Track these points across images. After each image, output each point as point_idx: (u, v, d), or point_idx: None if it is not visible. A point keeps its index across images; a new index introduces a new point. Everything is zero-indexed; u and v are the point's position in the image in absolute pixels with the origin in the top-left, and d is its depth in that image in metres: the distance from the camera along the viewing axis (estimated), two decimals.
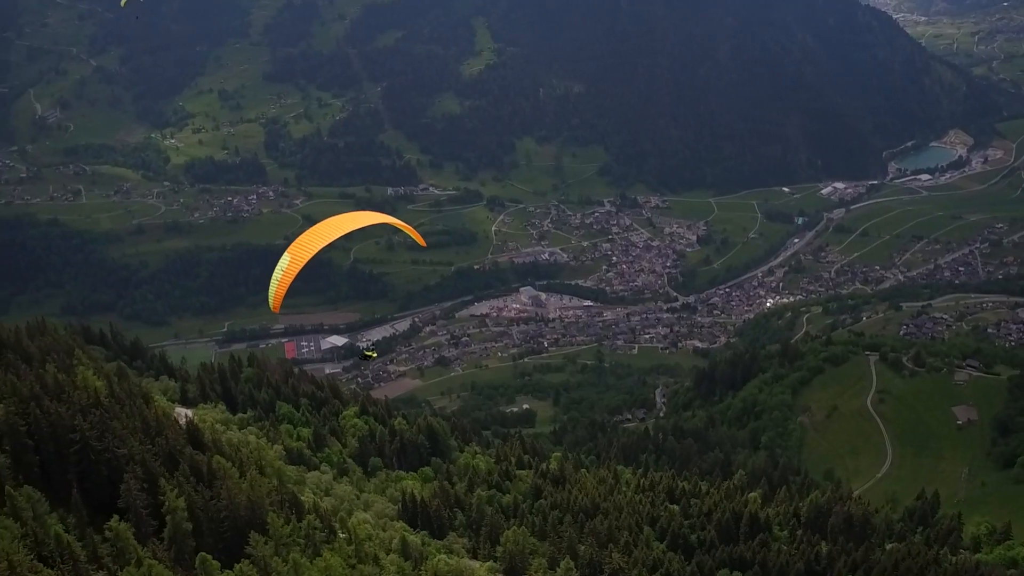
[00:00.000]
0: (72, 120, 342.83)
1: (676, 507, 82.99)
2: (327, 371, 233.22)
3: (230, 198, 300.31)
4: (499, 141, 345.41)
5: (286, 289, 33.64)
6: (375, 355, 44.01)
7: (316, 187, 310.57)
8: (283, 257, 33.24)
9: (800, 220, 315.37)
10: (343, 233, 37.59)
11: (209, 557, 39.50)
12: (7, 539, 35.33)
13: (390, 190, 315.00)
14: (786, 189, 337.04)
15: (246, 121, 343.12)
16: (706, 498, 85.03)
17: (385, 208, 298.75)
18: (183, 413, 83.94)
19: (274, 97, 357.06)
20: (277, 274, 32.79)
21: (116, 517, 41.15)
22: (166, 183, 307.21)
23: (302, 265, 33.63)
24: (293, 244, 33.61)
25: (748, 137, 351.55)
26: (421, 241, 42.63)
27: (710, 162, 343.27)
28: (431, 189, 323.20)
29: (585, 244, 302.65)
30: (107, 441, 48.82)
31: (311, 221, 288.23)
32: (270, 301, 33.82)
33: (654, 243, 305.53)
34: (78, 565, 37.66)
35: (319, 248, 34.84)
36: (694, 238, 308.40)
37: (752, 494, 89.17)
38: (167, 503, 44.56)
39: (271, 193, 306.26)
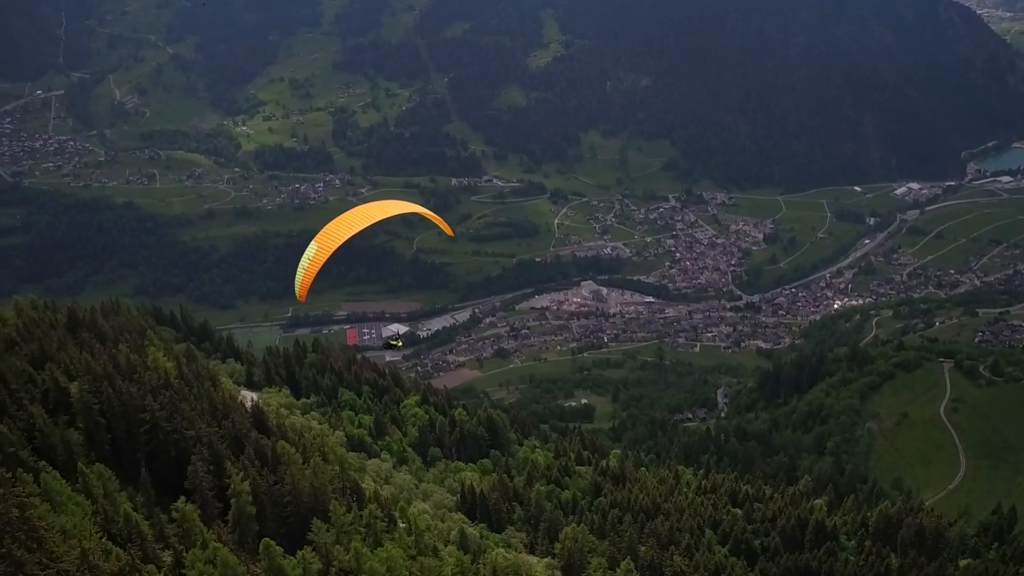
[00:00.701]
0: (148, 106, 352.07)
1: (739, 511, 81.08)
2: (387, 359, 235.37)
3: (297, 185, 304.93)
4: (564, 134, 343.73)
5: (312, 278, 33.09)
6: (400, 344, 43.54)
7: (381, 176, 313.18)
8: (310, 246, 32.65)
9: (872, 221, 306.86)
10: (370, 223, 36.55)
11: (272, 543, 39.58)
12: (78, 515, 35.86)
13: (454, 181, 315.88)
14: (858, 188, 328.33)
15: (315, 110, 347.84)
16: (770, 503, 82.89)
17: (449, 199, 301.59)
18: (248, 396, 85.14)
19: (343, 86, 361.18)
20: (304, 263, 32.23)
21: (183, 499, 41.56)
22: (236, 169, 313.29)
23: (329, 254, 32.96)
24: (320, 233, 32.96)
25: (819, 134, 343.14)
26: (449, 232, 41.57)
27: (779, 159, 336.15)
28: (495, 181, 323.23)
29: (648, 240, 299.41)
30: (176, 422, 49.45)
31: None
32: (296, 290, 33.31)
33: (719, 240, 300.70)
34: (145, 544, 38.07)
35: (346, 238, 34.07)
36: (760, 236, 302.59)
37: (818, 501, 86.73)
38: (232, 486, 44.89)
39: (337, 181, 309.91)
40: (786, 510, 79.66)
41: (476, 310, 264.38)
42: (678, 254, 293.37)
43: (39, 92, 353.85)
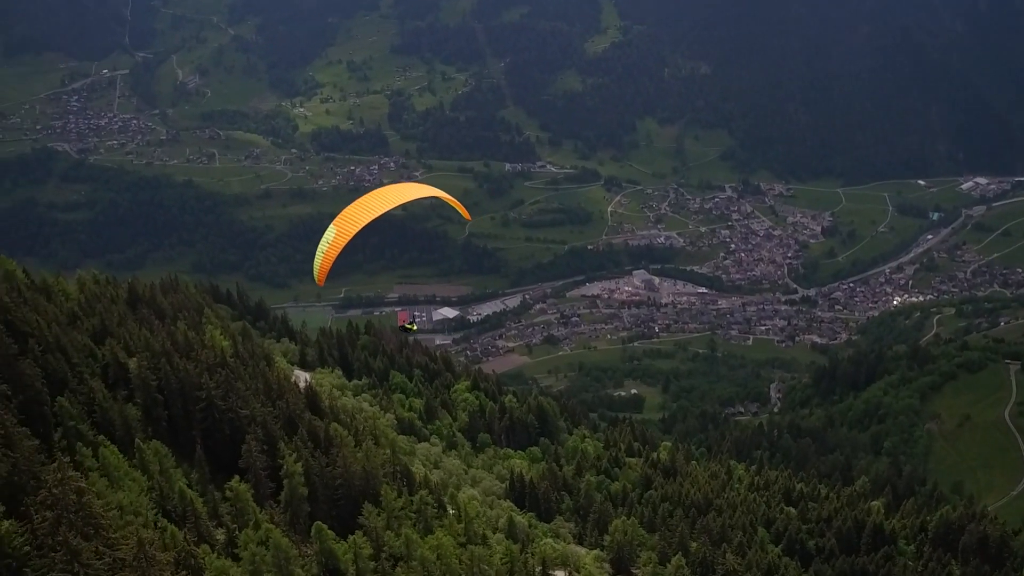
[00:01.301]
0: (209, 86, 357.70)
1: (793, 510, 79.21)
2: (437, 342, 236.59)
3: (353, 167, 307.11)
4: (620, 121, 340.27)
5: (331, 263, 32.35)
6: (415, 328, 42.52)
7: (436, 160, 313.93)
8: (329, 229, 31.85)
9: (935, 216, 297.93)
10: (391, 207, 35.56)
11: (324, 527, 39.48)
12: (135, 491, 36.13)
13: (508, 166, 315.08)
14: (922, 182, 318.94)
15: (372, 92, 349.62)
16: (825, 503, 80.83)
17: (503, 184, 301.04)
18: (302, 376, 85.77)
19: (400, 69, 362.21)
20: (323, 247, 31.44)
21: (236, 478, 41.71)
22: (293, 150, 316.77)
23: (348, 239, 32.19)
24: (339, 216, 32.14)
25: (883, 126, 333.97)
26: (467, 215, 40.49)
27: (840, 151, 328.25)
28: (549, 167, 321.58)
29: (703, 229, 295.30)
30: (231, 401, 49.67)
31: None
32: (315, 274, 32.60)
33: (775, 232, 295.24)
34: (199, 522, 38.24)
35: (367, 222, 33.24)
36: (818, 229, 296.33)
37: (875, 503, 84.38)
38: (285, 467, 44.94)
39: (392, 164, 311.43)
40: (842, 511, 77.57)
41: (527, 296, 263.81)
42: (733, 245, 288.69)
43: (105, 71, 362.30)
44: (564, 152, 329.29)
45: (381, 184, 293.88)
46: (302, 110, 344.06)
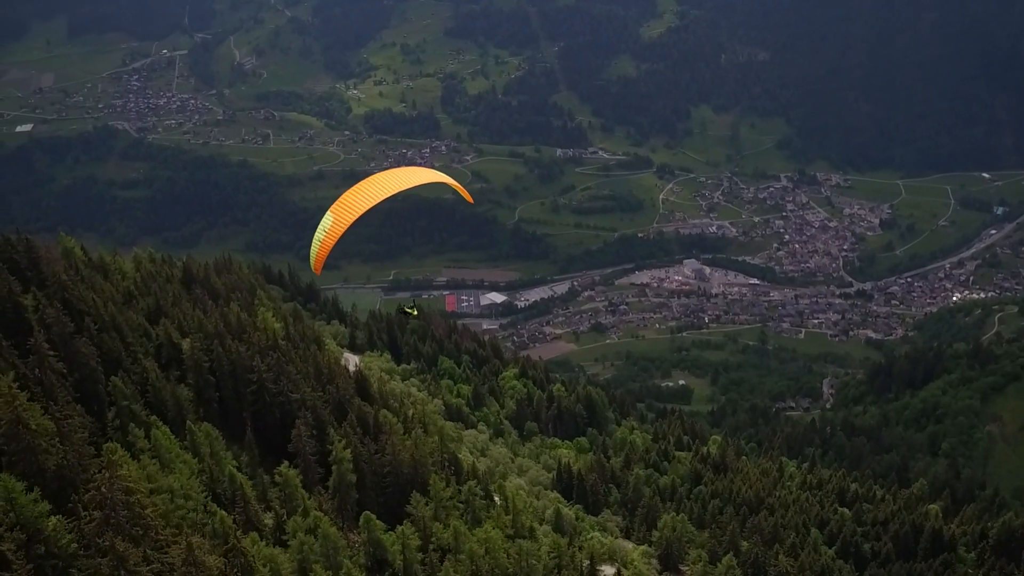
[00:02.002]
0: (266, 67, 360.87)
1: (847, 511, 77.03)
2: (484, 326, 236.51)
3: (404, 150, 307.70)
4: (674, 107, 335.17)
5: (328, 251, 31.30)
6: (415, 312, 41.34)
7: (487, 144, 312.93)
8: (325, 217, 30.72)
9: (1000, 210, 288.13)
10: (389, 195, 34.14)
11: (373, 517, 39.07)
12: (185, 474, 36.04)
13: (559, 151, 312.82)
14: (986, 175, 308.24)
15: (425, 75, 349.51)
16: (881, 505, 78.49)
17: (553, 169, 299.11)
18: (351, 359, 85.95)
19: (453, 53, 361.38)
20: (319, 235, 30.36)
21: (286, 463, 41.48)
22: (346, 132, 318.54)
23: (346, 227, 31.02)
24: (336, 203, 31.02)
25: (947, 116, 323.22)
26: (469, 198, 39.04)
27: (901, 141, 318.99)
28: (600, 153, 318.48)
29: (756, 219, 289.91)
30: (282, 384, 49.58)
31: (480, 177, 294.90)
32: (311, 262, 31.58)
33: (831, 224, 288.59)
34: (248, 507, 38.07)
35: (365, 210, 32.05)
36: (876, 221, 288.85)
37: (933, 506, 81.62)
38: (334, 453, 44.67)
39: (443, 148, 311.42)
40: (899, 514, 75.26)
41: (575, 283, 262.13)
42: (787, 236, 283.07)
43: (165, 51, 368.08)
44: (616, 138, 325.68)
45: (432, 168, 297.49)
46: (356, 92, 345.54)
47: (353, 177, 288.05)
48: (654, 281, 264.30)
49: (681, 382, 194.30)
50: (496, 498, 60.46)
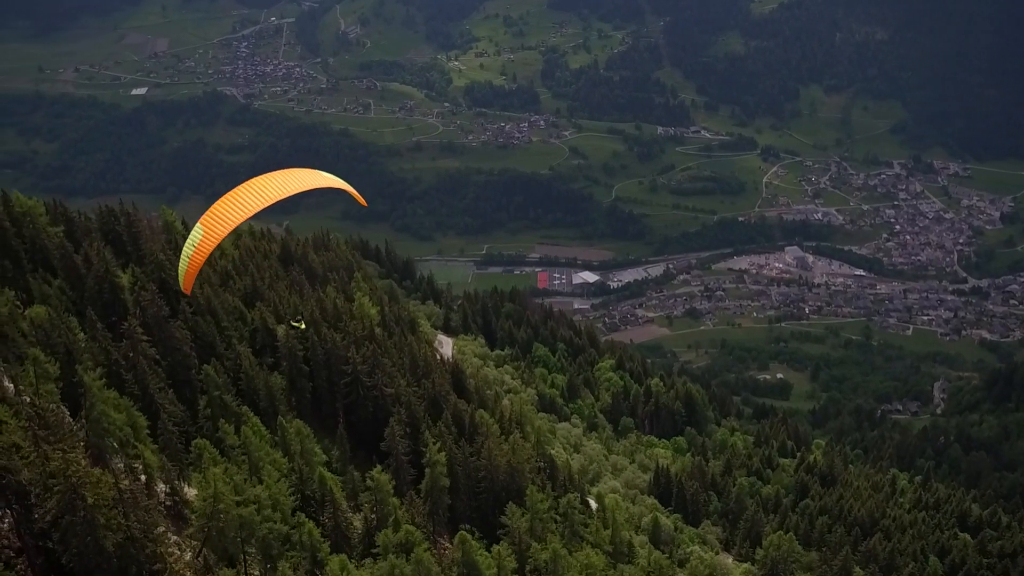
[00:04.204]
0: (369, 37, 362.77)
1: (970, 538, 70.98)
2: (575, 306, 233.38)
3: (503, 124, 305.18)
4: (782, 87, 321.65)
5: (198, 268, 27.89)
6: (303, 326, 37.76)
7: (586, 120, 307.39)
8: (195, 229, 27.30)
9: None
10: (269, 203, 30.83)
11: (468, 536, 36.52)
12: (274, 477, 34.17)
13: (660, 129, 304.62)
14: None
15: (526, 48, 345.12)
16: (1007, 533, 72.04)
17: (653, 148, 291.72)
18: (445, 342, 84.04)
19: (556, 25, 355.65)
20: (188, 250, 27.01)
21: (378, 467, 39.24)
22: (446, 104, 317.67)
23: (218, 242, 27.58)
24: (207, 214, 27.64)
25: None
26: (362, 201, 35.43)
27: None
28: (703, 132, 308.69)
29: (865, 208, 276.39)
30: (376, 378, 47.55)
31: (578, 153, 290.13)
32: (180, 280, 28.31)
33: (947, 215, 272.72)
34: (337, 514, 36.03)
35: (238, 223, 28.57)
36: (997, 215, 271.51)
37: None
38: (428, 456, 42.30)
39: (542, 122, 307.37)
40: None
41: (670, 265, 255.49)
42: (898, 226, 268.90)
43: (273, 19, 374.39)
44: (720, 118, 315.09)
45: (530, 142, 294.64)
46: (457, 64, 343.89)
47: (451, 149, 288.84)
48: (753, 267, 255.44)
49: (779, 376, 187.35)
50: (591, 501, 57.55)
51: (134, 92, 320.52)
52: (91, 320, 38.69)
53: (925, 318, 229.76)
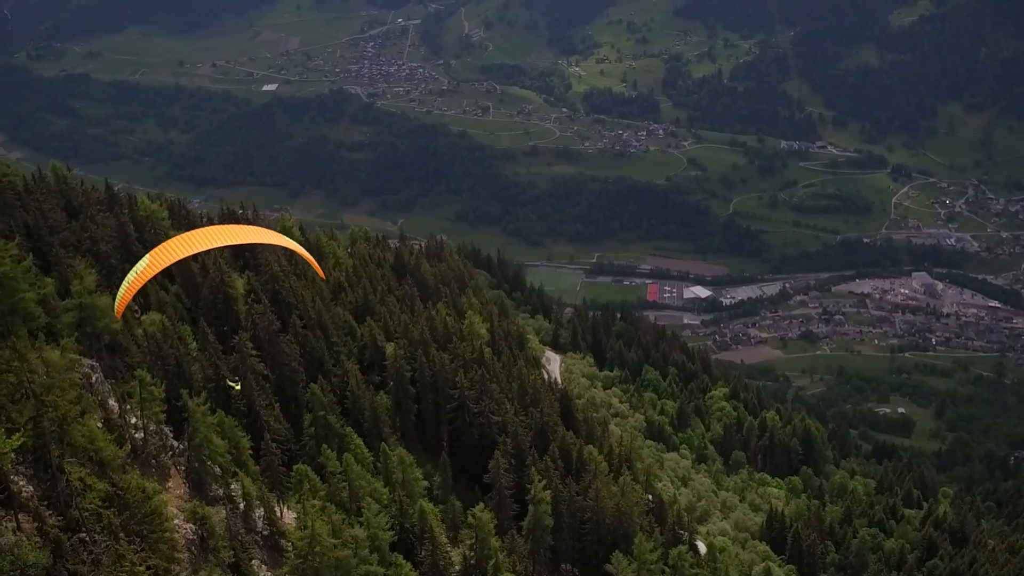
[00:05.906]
0: (492, 40, 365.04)
1: None
2: (685, 320, 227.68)
3: (621, 132, 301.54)
4: (918, 103, 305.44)
5: (133, 295, 27.18)
6: (238, 387, 34.75)
7: (706, 131, 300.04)
8: (143, 258, 26.78)
9: None
10: (216, 246, 31.46)
11: None
12: (374, 509, 32.83)
13: (783, 144, 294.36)
14: None
15: (648, 56, 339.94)
16: None
17: (775, 162, 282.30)
18: (554, 358, 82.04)
19: (680, 33, 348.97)
20: (131, 276, 26.48)
21: (481, 505, 37.46)
22: (564, 109, 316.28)
23: (158, 271, 26.85)
24: (159, 247, 27.21)
25: None
26: (322, 274, 34.32)
27: None
28: (829, 148, 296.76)
29: (1004, 235, 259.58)
30: (484, 404, 45.90)
31: (696, 165, 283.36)
32: (115, 304, 27.60)
33: None
34: (436, 551, 34.43)
35: (183, 256, 27.97)
36: None
37: None
38: (533, 492, 40.28)
39: (660, 132, 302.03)
40: None
41: (787, 285, 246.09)
42: None
43: (400, 20, 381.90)
44: (848, 133, 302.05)
45: (647, 151, 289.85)
46: (577, 69, 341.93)
47: (566, 155, 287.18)
48: (876, 292, 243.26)
49: (900, 410, 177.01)
50: (700, 546, 54.35)
51: (265, 88, 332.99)
52: (203, 331, 38.44)
53: None
